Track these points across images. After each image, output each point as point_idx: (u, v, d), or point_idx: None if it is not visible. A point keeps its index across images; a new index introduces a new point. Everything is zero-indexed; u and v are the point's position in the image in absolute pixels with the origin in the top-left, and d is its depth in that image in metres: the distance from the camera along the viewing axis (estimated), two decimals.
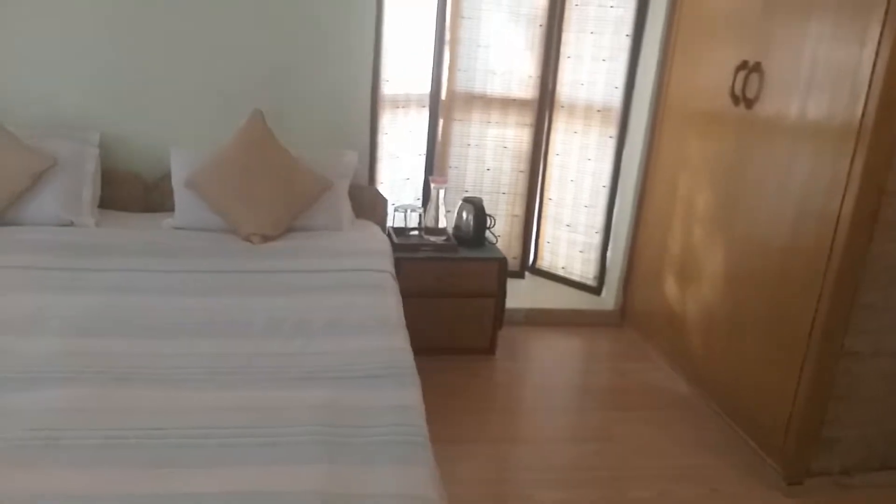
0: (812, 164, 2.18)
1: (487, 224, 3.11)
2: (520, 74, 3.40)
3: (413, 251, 2.91)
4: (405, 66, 3.20)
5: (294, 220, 2.65)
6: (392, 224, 3.13)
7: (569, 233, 3.59)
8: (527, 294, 3.51)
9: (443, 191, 3.02)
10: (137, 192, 2.87)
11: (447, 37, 3.27)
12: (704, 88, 2.78)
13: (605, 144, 3.40)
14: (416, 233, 3.07)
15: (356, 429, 1.44)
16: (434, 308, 2.91)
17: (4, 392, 1.48)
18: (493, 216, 3.25)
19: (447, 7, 3.20)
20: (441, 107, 3.35)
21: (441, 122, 3.38)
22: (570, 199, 3.55)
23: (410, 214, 3.13)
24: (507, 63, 3.37)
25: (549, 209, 3.63)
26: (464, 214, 3.09)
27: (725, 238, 2.63)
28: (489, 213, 3.15)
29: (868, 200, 2.01)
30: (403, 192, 3.40)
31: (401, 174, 3.37)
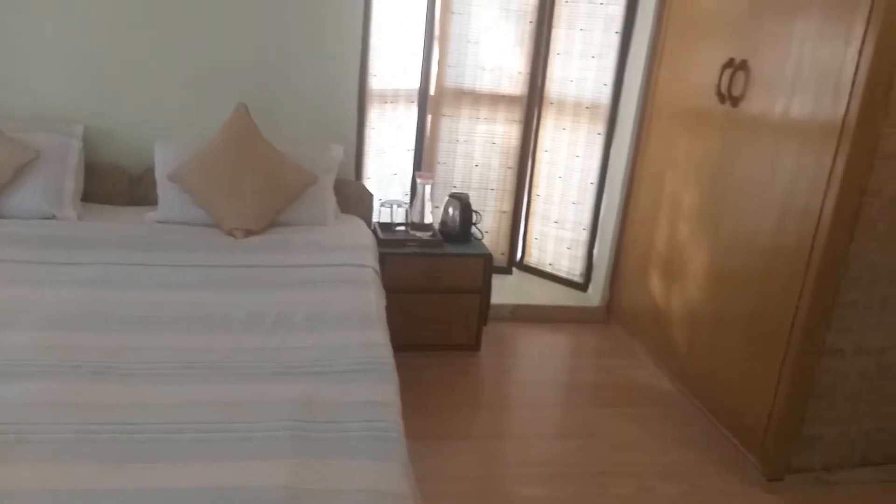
0: (796, 163, 2.19)
1: (473, 220, 3.11)
2: (509, 71, 3.39)
3: (399, 246, 2.90)
4: (394, 61, 3.19)
5: (278, 215, 2.64)
6: (378, 219, 3.12)
7: (556, 229, 3.59)
8: (513, 290, 3.51)
9: (429, 186, 3.01)
10: (122, 186, 2.85)
11: (437, 32, 3.26)
12: (692, 86, 2.78)
13: (594, 141, 3.40)
14: (402, 228, 3.06)
15: (330, 424, 1.44)
16: (419, 304, 2.91)
17: None
18: (480, 212, 3.24)
19: (437, 2, 3.19)
20: (430, 102, 3.34)
21: (430, 118, 3.37)
22: (558, 196, 3.55)
23: (397, 210, 3.12)
24: (497, 59, 3.36)
25: (538, 206, 3.63)
26: (450, 210, 3.09)
27: (710, 236, 2.63)
28: (477, 210, 3.15)
29: (850, 199, 2.01)
30: (391, 188, 3.38)
31: (388, 169, 3.36)
